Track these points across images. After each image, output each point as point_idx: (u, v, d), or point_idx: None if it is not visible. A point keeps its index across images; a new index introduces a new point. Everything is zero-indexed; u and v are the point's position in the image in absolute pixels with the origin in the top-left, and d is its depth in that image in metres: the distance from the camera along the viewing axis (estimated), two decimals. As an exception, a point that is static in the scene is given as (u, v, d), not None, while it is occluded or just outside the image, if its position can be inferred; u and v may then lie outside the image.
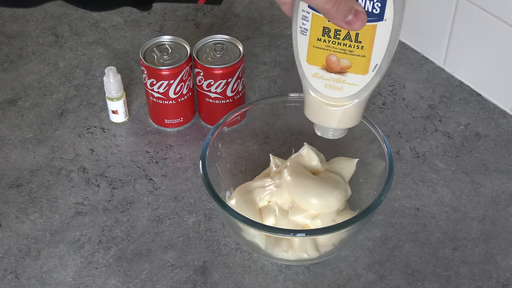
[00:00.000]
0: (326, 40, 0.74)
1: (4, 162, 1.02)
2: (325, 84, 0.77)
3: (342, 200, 0.86)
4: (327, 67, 0.76)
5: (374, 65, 0.74)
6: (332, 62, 0.75)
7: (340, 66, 0.75)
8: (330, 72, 0.76)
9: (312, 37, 0.75)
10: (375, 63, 0.74)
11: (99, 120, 1.07)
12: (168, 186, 0.98)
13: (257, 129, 0.96)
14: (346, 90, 0.77)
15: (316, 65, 0.76)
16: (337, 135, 0.83)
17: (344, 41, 0.73)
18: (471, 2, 1.03)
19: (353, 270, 0.89)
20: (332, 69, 0.76)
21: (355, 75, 0.75)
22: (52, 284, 0.88)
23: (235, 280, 0.88)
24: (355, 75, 0.75)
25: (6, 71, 1.15)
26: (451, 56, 1.12)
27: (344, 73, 0.75)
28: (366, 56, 0.73)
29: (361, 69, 0.75)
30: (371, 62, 0.74)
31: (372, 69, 0.74)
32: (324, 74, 0.76)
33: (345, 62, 0.75)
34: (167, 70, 0.99)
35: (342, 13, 0.69)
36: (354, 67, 0.75)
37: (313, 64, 0.77)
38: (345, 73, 0.75)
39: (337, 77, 0.76)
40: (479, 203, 0.96)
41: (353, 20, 0.69)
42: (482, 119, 1.07)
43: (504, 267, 0.89)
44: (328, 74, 0.76)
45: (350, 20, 0.69)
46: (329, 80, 0.77)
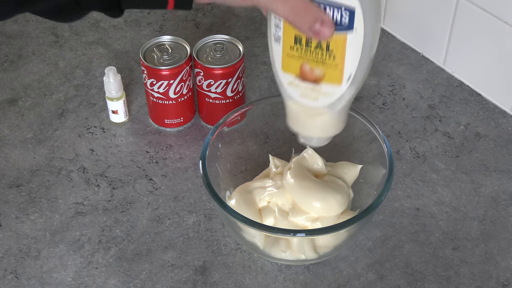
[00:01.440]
0: (298, 49, 0.72)
1: (4, 162, 1.02)
2: (300, 93, 0.75)
3: (344, 204, 0.86)
4: (301, 76, 0.74)
5: (347, 76, 0.72)
6: (306, 71, 0.73)
7: (313, 75, 0.73)
8: (305, 81, 0.74)
9: (285, 45, 0.73)
10: (349, 73, 0.72)
11: (99, 120, 1.07)
12: (168, 186, 0.98)
13: (257, 129, 0.96)
14: (321, 99, 0.75)
15: (291, 73, 0.75)
16: (321, 143, 0.82)
17: (316, 50, 0.71)
18: (471, 2, 1.03)
19: (353, 270, 0.89)
20: (306, 78, 0.74)
21: (329, 85, 0.73)
22: (52, 284, 0.88)
23: (235, 280, 0.88)
24: (330, 85, 0.73)
25: (6, 71, 1.15)
26: (451, 56, 1.12)
27: (318, 83, 0.74)
28: (338, 66, 0.72)
29: (334, 79, 0.73)
30: (345, 72, 0.72)
31: (346, 79, 0.72)
32: (299, 83, 0.75)
33: (318, 71, 0.73)
34: (167, 70, 0.99)
35: (307, 22, 0.67)
36: (327, 77, 0.73)
37: (288, 72, 0.75)
38: (319, 83, 0.74)
39: (312, 87, 0.74)
40: (479, 203, 0.96)
41: (319, 29, 0.67)
42: (482, 119, 1.07)
43: (504, 267, 0.89)
44: (303, 83, 0.74)
45: (316, 29, 0.67)
46: (304, 89, 0.75)
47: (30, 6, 0.66)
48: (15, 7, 0.65)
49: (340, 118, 0.78)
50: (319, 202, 0.85)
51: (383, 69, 1.15)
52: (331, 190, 0.86)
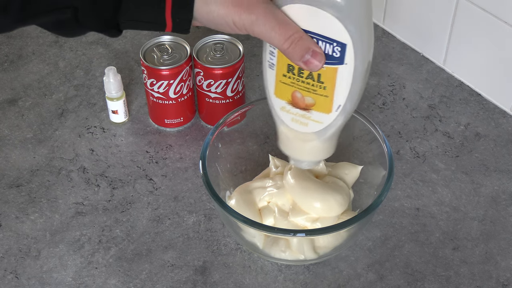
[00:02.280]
0: (291, 77, 0.74)
1: (4, 162, 1.02)
2: (291, 118, 0.77)
3: (345, 205, 0.86)
4: (293, 102, 0.76)
5: (337, 106, 0.74)
6: (297, 99, 0.75)
7: (304, 103, 0.75)
8: (296, 107, 0.76)
9: (278, 72, 0.75)
10: (338, 104, 0.73)
11: (99, 120, 1.07)
12: (168, 186, 0.98)
13: (257, 129, 0.96)
14: (311, 126, 0.77)
15: (283, 99, 0.76)
16: (312, 165, 0.83)
17: (308, 80, 0.73)
18: (471, 2, 1.03)
19: (353, 270, 0.89)
20: (297, 104, 0.76)
21: (319, 113, 0.75)
22: (52, 284, 0.88)
23: (235, 280, 0.88)
24: (319, 113, 0.75)
25: (6, 71, 1.15)
26: (451, 56, 1.12)
27: (308, 110, 0.75)
28: (329, 96, 0.73)
29: (324, 108, 0.74)
30: (334, 102, 0.73)
31: (335, 109, 0.74)
32: (291, 108, 0.76)
33: (309, 99, 0.74)
34: (167, 70, 0.99)
35: (299, 53, 0.69)
36: (317, 106, 0.74)
37: (280, 98, 0.77)
38: (310, 110, 0.75)
39: (302, 113, 0.76)
40: (479, 203, 0.96)
41: (310, 60, 0.69)
42: (482, 119, 1.07)
43: (504, 267, 0.89)
44: (294, 109, 0.76)
45: (307, 60, 0.69)
46: (295, 115, 0.77)
47: (31, 21, 0.67)
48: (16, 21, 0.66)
49: (330, 144, 0.80)
50: (319, 203, 0.85)
51: (383, 69, 1.15)
52: (331, 191, 0.86)
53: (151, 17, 0.68)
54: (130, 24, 0.69)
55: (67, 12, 0.66)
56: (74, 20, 0.67)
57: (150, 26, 0.70)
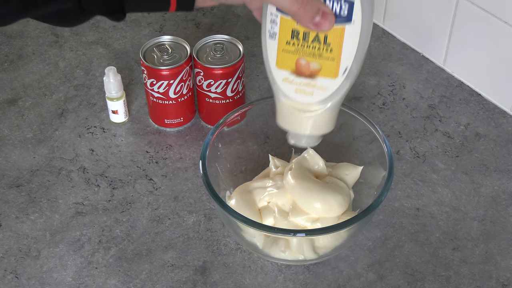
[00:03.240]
0: (295, 43, 0.73)
1: (4, 162, 1.02)
2: (295, 89, 0.76)
3: (345, 206, 0.86)
4: (297, 71, 0.75)
5: (344, 68, 0.73)
6: (302, 66, 0.74)
7: (309, 69, 0.74)
8: (300, 76, 0.75)
9: (281, 41, 0.74)
10: (345, 66, 0.73)
11: (99, 120, 1.07)
12: (168, 186, 0.98)
13: (257, 129, 0.96)
14: (316, 94, 0.75)
15: (286, 69, 0.75)
16: (311, 143, 0.82)
17: (313, 44, 0.72)
18: (471, 2, 1.03)
19: (353, 270, 0.89)
20: (302, 73, 0.75)
21: (325, 79, 0.74)
22: (52, 284, 0.88)
23: (235, 280, 0.88)
24: (325, 79, 0.74)
25: (6, 71, 1.15)
26: (451, 56, 1.12)
27: (314, 77, 0.74)
28: (335, 59, 0.73)
29: (331, 73, 0.74)
30: (341, 65, 0.73)
31: (342, 72, 0.73)
32: (294, 78, 0.75)
33: (314, 65, 0.74)
34: (167, 70, 0.99)
35: (309, 14, 0.68)
36: (324, 71, 0.74)
37: (283, 68, 0.76)
38: (315, 77, 0.74)
39: (307, 82, 0.75)
40: (479, 203, 0.96)
41: (320, 21, 0.69)
42: (482, 119, 1.07)
43: (504, 267, 0.89)
44: (298, 79, 0.75)
45: (317, 21, 0.69)
46: (299, 84, 0.75)
47: (32, 11, 0.66)
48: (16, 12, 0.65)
49: (332, 115, 0.78)
50: (319, 203, 0.85)
51: (383, 69, 1.15)
52: (331, 191, 0.86)
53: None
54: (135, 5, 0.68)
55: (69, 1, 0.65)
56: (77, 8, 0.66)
57: (154, 7, 0.69)
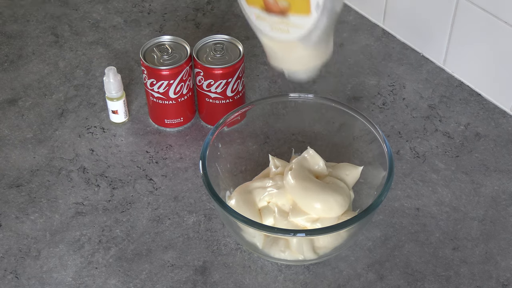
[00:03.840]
0: None
1: (4, 162, 1.02)
2: (270, 27, 0.70)
3: (345, 206, 0.86)
4: (266, 8, 0.69)
5: (315, 3, 0.66)
6: (270, 3, 0.68)
7: (278, 7, 0.68)
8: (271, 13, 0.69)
9: None
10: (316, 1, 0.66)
11: (99, 120, 1.07)
12: (168, 186, 0.98)
13: (257, 129, 0.96)
14: (292, 32, 0.69)
15: (255, 6, 0.70)
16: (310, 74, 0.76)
17: None
18: (471, 2, 1.03)
19: (353, 270, 0.89)
20: (271, 10, 0.69)
21: (297, 16, 0.67)
22: (52, 284, 0.88)
23: (235, 280, 0.88)
24: (298, 16, 0.67)
25: (6, 71, 1.15)
26: (451, 56, 1.12)
27: (285, 14, 0.68)
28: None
29: (302, 9, 0.67)
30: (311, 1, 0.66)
31: (314, 8, 0.66)
32: (266, 16, 0.70)
33: (283, 2, 0.67)
34: (167, 70, 0.99)
35: None
36: (294, 8, 0.67)
37: (253, 5, 0.70)
38: (287, 14, 0.68)
39: (280, 19, 0.69)
40: (479, 203, 0.96)
41: None
42: (482, 119, 1.07)
43: (504, 267, 0.89)
44: (270, 17, 0.69)
45: None
46: (273, 22, 0.70)
47: None
48: None
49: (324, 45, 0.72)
50: (319, 203, 0.85)
51: (383, 69, 1.15)
52: (332, 191, 0.86)
53: None
54: None
55: None
56: None
57: None
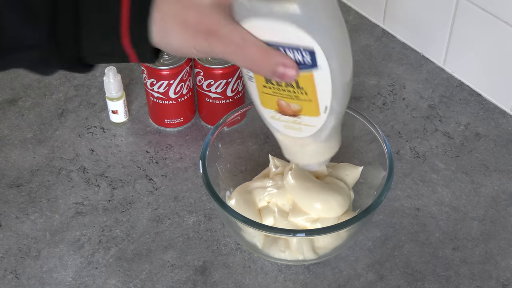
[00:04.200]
0: (271, 87, 0.72)
1: (4, 162, 1.02)
2: (284, 125, 0.76)
3: (345, 206, 0.86)
4: (280, 110, 0.74)
5: (324, 107, 0.71)
6: (283, 106, 0.73)
7: (291, 109, 0.73)
8: (285, 115, 0.74)
9: (258, 84, 0.73)
10: (324, 105, 0.71)
11: (99, 120, 1.07)
12: (168, 186, 0.99)
13: (257, 129, 0.96)
14: (304, 130, 0.75)
15: (270, 108, 0.75)
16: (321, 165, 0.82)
17: (288, 88, 0.71)
18: (471, 2, 1.03)
19: (353, 270, 0.89)
20: (285, 112, 0.74)
21: (308, 117, 0.73)
22: (52, 284, 0.88)
23: (235, 280, 0.88)
24: (309, 117, 0.73)
25: (6, 71, 1.15)
26: (451, 56, 1.12)
27: (297, 116, 0.73)
28: (312, 100, 0.71)
29: (312, 112, 0.72)
30: (320, 105, 0.71)
31: (323, 111, 0.72)
32: (280, 116, 0.75)
33: (295, 106, 0.72)
34: (167, 70, 0.99)
35: (269, 68, 0.66)
36: (305, 110, 0.72)
37: (268, 107, 0.75)
38: (299, 115, 0.73)
39: (293, 119, 0.74)
40: (479, 203, 0.96)
41: (282, 73, 0.66)
42: (482, 119, 1.07)
43: (504, 267, 0.89)
44: (283, 117, 0.75)
45: (280, 73, 0.66)
46: (287, 121, 0.75)
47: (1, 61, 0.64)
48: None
49: (333, 141, 0.78)
50: (319, 203, 0.85)
51: (383, 69, 1.15)
52: (332, 192, 0.86)
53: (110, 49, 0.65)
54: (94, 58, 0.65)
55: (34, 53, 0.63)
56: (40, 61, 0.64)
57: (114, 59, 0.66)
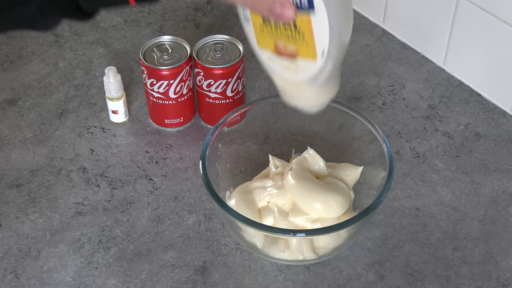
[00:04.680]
0: (268, 27, 0.72)
1: (4, 162, 1.02)
2: (281, 67, 0.75)
3: (345, 206, 0.86)
4: (277, 51, 0.73)
5: (321, 51, 0.70)
6: (280, 48, 0.73)
7: (288, 51, 0.73)
8: (281, 56, 0.74)
9: (255, 24, 0.73)
10: (322, 49, 0.70)
11: (99, 120, 1.07)
12: (168, 186, 0.98)
13: (257, 129, 0.96)
14: (301, 73, 0.74)
15: (267, 49, 0.74)
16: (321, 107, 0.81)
17: (286, 29, 0.71)
18: (471, 2, 1.03)
19: (353, 270, 0.89)
20: (282, 53, 0.73)
21: (305, 60, 0.72)
22: (52, 284, 0.88)
23: (235, 280, 0.88)
24: (305, 61, 0.72)
25: (6, 71, 1.15)
26: (451, 56, 1.12)
27: (294, 57, 0.73)
28: (309, 43, 0.70)
29: (309, 55, 0.71)
30: (317, 48, 0.70)
31: (320, 55, 0.71)
32: (277, 58, 0.74)
33: (292, 47, 0.72)
34: (167, 70, 0.99)
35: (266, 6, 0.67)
36: (302, 53, 0.72)
37: (265, 48, 0.74)
38: (296, 57, 0.73)
39: (290, 61, 0.73)
40: (479, 203, 0.96)
41: (279, 12, 0.67)
42: (482, 119, 1.07)
43: (504, 267, 0.89)
44: (280, 59, 0.74)
45: (277, 12, 0.67)
46: (284, 64, 0.74)
47: None
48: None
49: (330, 85, 0.76)
50: (320, 203, 0.85)
51: (383, 69, 1.15)
52: (332, 192, 0.86)
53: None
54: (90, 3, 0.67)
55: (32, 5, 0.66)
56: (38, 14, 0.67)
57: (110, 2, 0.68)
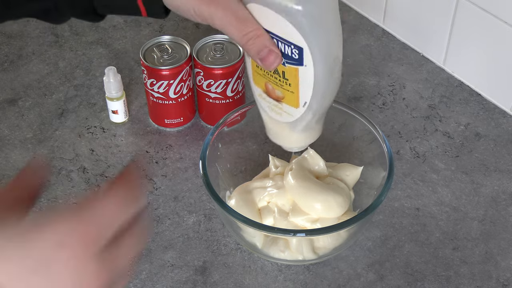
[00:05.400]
0: (261, 69, 0.75)
1: (4, 162, 1.02)
2: (268, 106, 0.79)
3: (345, 207, 0.86)
4: (267, 92, 0.77)
5: (303, 102, 0.75)
6: (269, 90, 0.77)
7: (275, 94, 0.77)
8: (270, 97, 0.78)
9: (252, 62, 0.76)
10: (304, 100, 0.74)
11: (99, 120, 1.07)
12: (168, 186, 0.98)
13: (257, 129, 0.96)
14: (284, 117, 0.78)
15: (259, 87, 0.78)
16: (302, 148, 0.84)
17: (275, 75, 0.74)
18: (471, 2, 1.03)
19: (353, 270, 0.89)
20: (270, 95, 0.77)
21: (288, 106, 0.76)
22: (52, 284, 0.88)
23: (235, 280, 0.88)
24: (289, 106, 0.76)
25: (6, 71, 1.15)
26: (451, 56, 1.12)
27: (280, 101, 0.77)
28: (294, 92, 0.74)
29: (292, 103, 0.76)
30: (300, 99, 0.74)
31: (302, 105, 0.75)
32: (266, 97, 0.78)
33: (278, 93, 0.76)
34: (167, 70, 0.99)
35: (255, 49, 0.70)
36: (286, 99, 0.76)
37: (257, 86, 0.78)
38: (281, 102, 0.77)
39: (276, 103, 0.78)
40: (479, 203, 0.96)
41: (265, 58, 0.70)
42: (482, 119, 1.07)
43: (504, 267, 0.89)
44: (268, 98, 0.78)
45: (262, 57, 0.70)
46: (270, 104, 0.78)
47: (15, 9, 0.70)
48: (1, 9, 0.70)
49: (311, 131, 0.80)
50: (320, 204, 0.85)
51: (383, 69, 1.15)
52: (332, 192, 0.86)
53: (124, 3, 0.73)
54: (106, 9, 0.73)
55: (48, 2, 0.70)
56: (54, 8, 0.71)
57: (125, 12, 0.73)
